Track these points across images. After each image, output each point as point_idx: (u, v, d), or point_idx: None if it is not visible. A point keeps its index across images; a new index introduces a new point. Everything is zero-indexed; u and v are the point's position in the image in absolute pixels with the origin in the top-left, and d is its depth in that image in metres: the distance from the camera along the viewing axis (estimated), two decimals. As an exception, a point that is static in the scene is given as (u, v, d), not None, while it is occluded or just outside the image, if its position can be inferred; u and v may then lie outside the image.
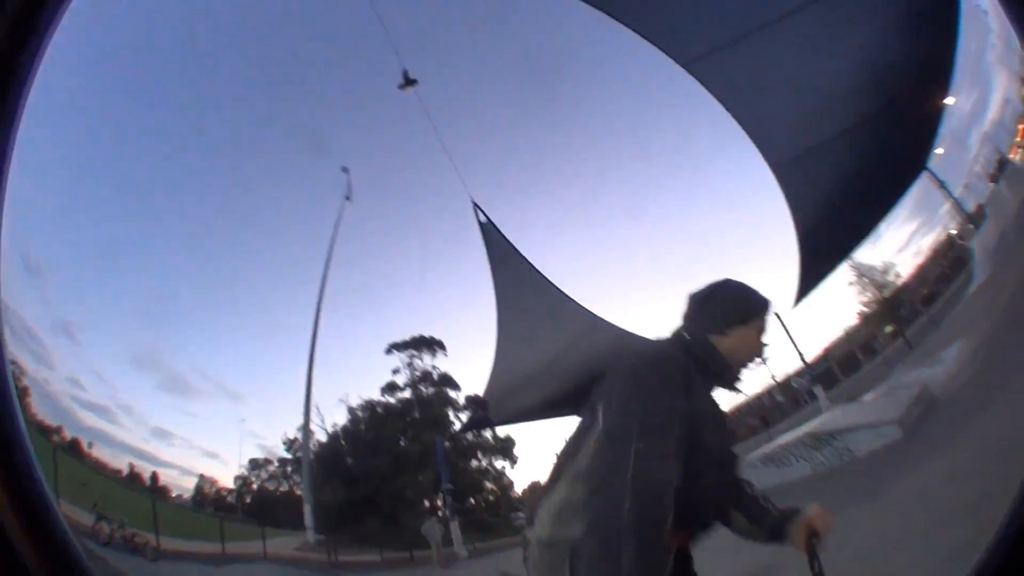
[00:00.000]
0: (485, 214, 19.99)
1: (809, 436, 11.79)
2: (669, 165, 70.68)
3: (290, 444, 32.85)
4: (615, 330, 20.29)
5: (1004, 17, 1.04)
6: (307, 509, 22.32)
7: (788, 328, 24.71)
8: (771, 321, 2.48)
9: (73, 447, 18.92)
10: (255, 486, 34.30)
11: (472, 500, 30.99)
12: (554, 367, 21.88)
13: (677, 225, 69.72)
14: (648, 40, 13.90)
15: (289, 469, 34.48)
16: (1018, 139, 20.36)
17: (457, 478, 25.97)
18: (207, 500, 28.83)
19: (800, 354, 25.76)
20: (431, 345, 35.11)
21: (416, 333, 35.89)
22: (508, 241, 19.98)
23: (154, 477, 23.03)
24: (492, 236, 20.13)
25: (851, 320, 35.36)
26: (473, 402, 32.00)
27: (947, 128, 24.39)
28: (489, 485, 32.78)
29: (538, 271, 19.75)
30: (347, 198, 30.20)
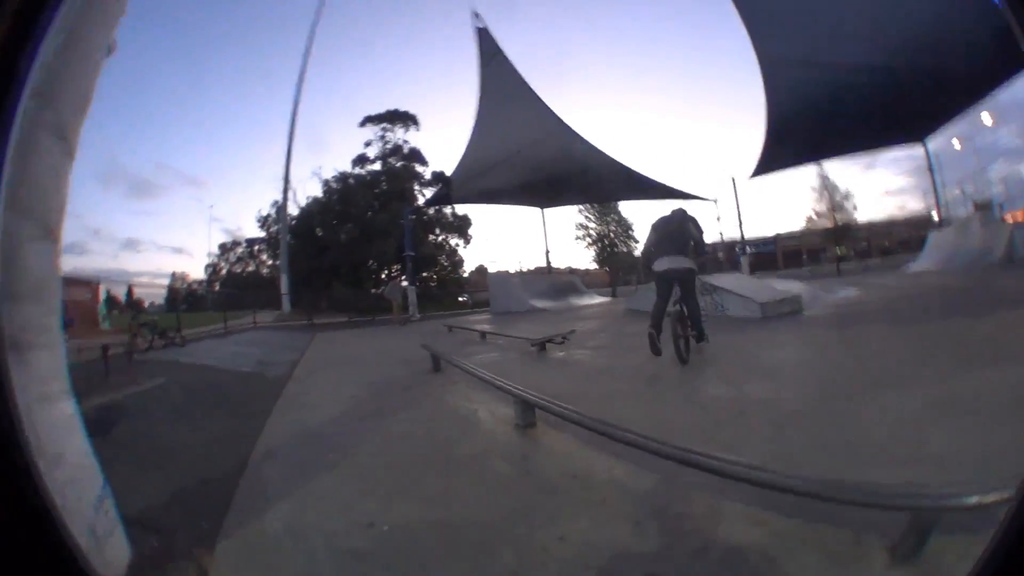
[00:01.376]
0: (484, 21, 22.54)
1: (703, 283, 14.20)
2: (666, 26, 70.69)
3: (264, 221, 34.95)
4: (580, 140, 23.03)
5: (1008, 18, 1.01)
6: (284, 279, 24.44)
7: (739, 199, 27.60)
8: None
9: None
10: (224, 271, 36.80)
11: (426, 272, 33.41)
12: (518, 160, 24.52)
13: (661, 75, 71.34)
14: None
15: (257, 248, 37.10)
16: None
17: (417, 248, 27.72)
18: (180, 295, 29.96)
19: (740, 225, 28.40)
20: (404, 119, 36.79)
21: (391, 107, 37.24)
22: (500, 47, 22.34)
23: (128, 291, 23.54)
24: (486, 40, 22.53)
25: (801, 218, 39.33)
26: (439, 178, 34.05)
27: (969, 127, 25.70)
28: (443, 260, 35.96)
29: (523, 77, 22.14)
30: None
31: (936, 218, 25.44)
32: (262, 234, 35.24)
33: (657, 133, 73.43)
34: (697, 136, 75.25)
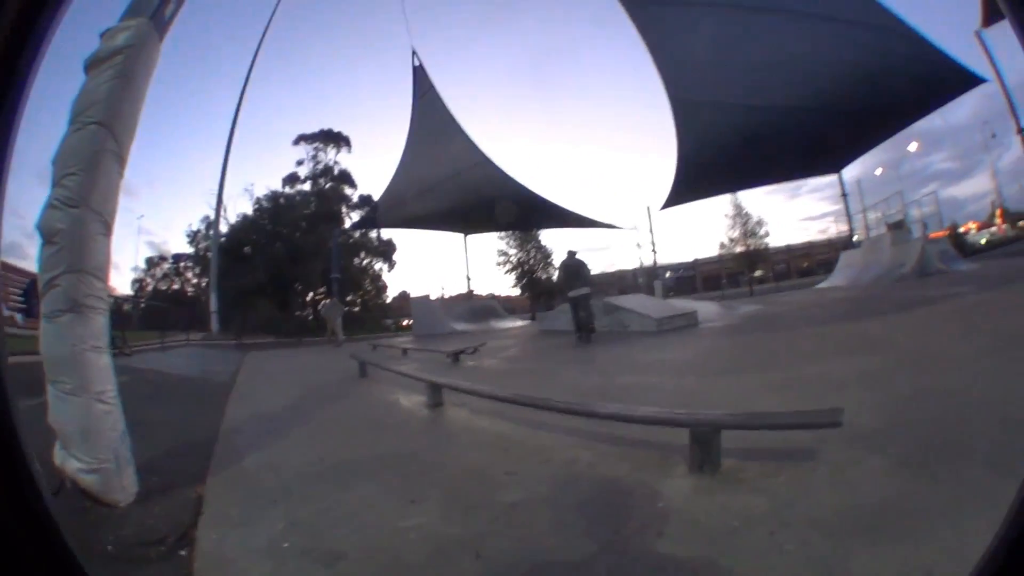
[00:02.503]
0: (420, 59, 24.03)
1: (604, 302, 14.47)
2: (585, 70, 76.05)
3: (193, 236, 33.87)
4: (498, 172, 24.25)
5: (1008, 18, 0.99)
6: (213, 298, 23.76)
7: (652, 227, 29.88)
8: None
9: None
10: (150, 287, 35.25)
11: (351, 296, 32.96)
12: (443, 188, 25.68)
13: (582, 115, 76.45)
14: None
15: (184, 264, 35.91)
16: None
17: (343, 272, 28.05)
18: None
19: (654, 251, 30.30)
20: (337, 140, 37.01)
21: (325, 127, 37.27)
22: (432, 84, 23.69)
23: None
24: (421, 76, 23.96)
25: (716, 244, 42.05)
26: (366, 202, 34.39)
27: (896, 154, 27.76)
28: (368, 285, 35.90)
29: (451, 113, 23.45)
30: None
31: (854, 239, 26.87)
32: (190, 250, 34.52)
33: (581, 167, 78.16)
34: (620, 169, 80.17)
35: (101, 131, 3.77)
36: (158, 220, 73.62)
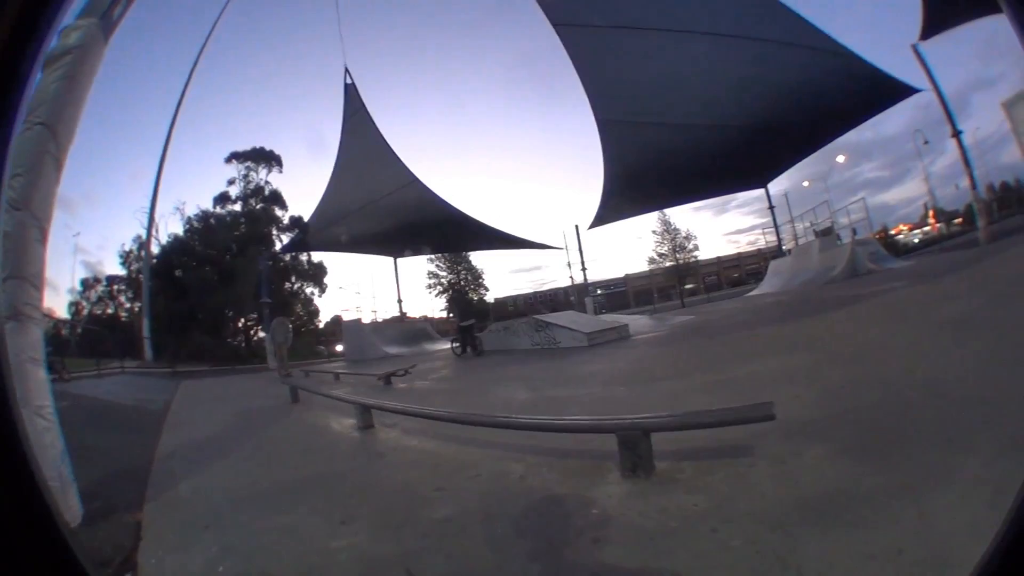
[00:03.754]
0: (351, 77, 23.91)
1: (534, 320, 14.93)
2: (518, 90, 78.06)
3: (126, 256, 32.55)
4: (427, 192, 24.81)
5: (1008, 18, 1.01)
6: (145, 323, 23.23)
7: (582, 246, 30.11)
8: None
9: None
10: (85, 311, 33.62)
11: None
12: (372, 210, 26.06)
13: (511, 136, 78.17)
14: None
15: (117, 287, 34.40)
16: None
17: (274, 296, 27.71)
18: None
19: (584, 269, 30.34)
20: (269, 159, 36.42)
21: (258, 145, 36.73)
22: (363, 103, 23.86)
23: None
24: (353, 95, 23.95)
25: (646, 259, 43.13)
26: (297, 224, 33.89)
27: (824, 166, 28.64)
28: (299, 310, 35.46)
29: (381, 133, 23.77)
30: None
31: (783, 249, 28.07)
32: (122, 272, 33.32)
33: (511, 188, 79.49)
34: (550, 189, 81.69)
35: (44, 132, 3.81)
36: (94, 238, 70.36)
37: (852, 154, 28.49)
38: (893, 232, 29.59)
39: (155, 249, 30.09)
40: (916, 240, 29.94)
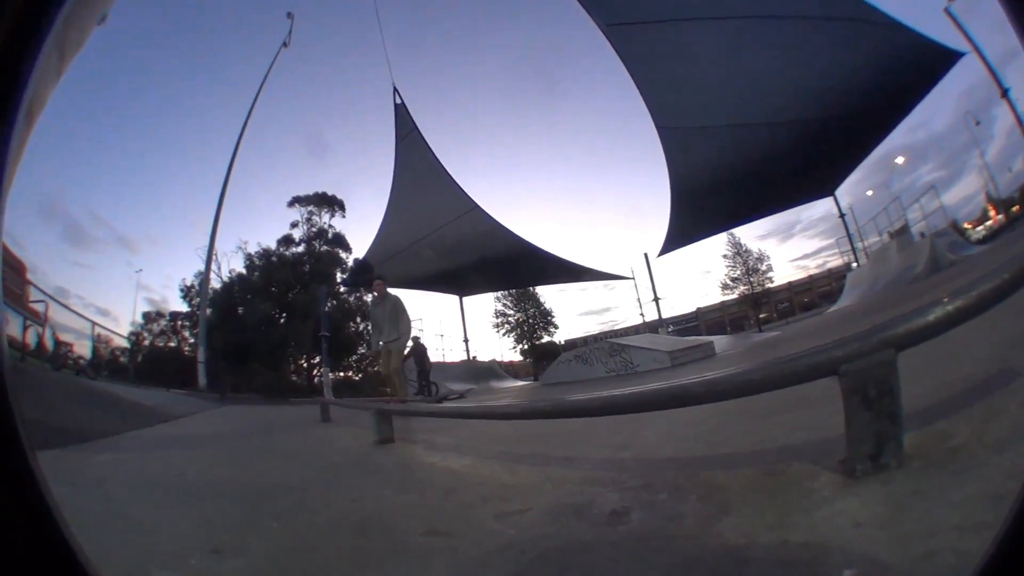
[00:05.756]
0: (401, 97, 22.98)
1: (608, 344, 14.54)
2: (573, 111, 77.02)
3: (187, 291, 32.88)
4: (490, 220, 23.41)
5: (1008, 18, 0.97)
6: (201, 350, 23.20)
7: (652, 275, 28.23)
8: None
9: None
10: (147, 342, 33.79)
11: (345, 360, 32.81)
12: (432, 240, 24.91)
13: (571, 159, 76.55)
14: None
15: (180, 323, 34.29)
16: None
17: (335, 334, 26.87)
18: (103, 361, 25.53)
19: (656, 300, 28.57)
20: (331, 203, 36.44)
21: (320, 190, 36.93)
22: (415, 125, 22.74)
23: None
24: (403, 116, 22.98)
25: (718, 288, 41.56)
26: (359, 264, 33.04)
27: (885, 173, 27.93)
28: (362, 349, 34.25)
29: (435, 156, 22.58)
30: (285, 44, 29.72)
31: (855, 263, 26.64)
32: (186, 308, 33.19)
33: (570, 216, 77.48)
34: (611, 216, 79.43)
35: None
36: (157, 277, 74.15)
37: (911, 156, 26.93)
38: (965, 226, 27.49)
39: (216, 284, 30.43)
40: (981, 236, 27.85)
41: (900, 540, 1.41)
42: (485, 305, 46.64)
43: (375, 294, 10.73)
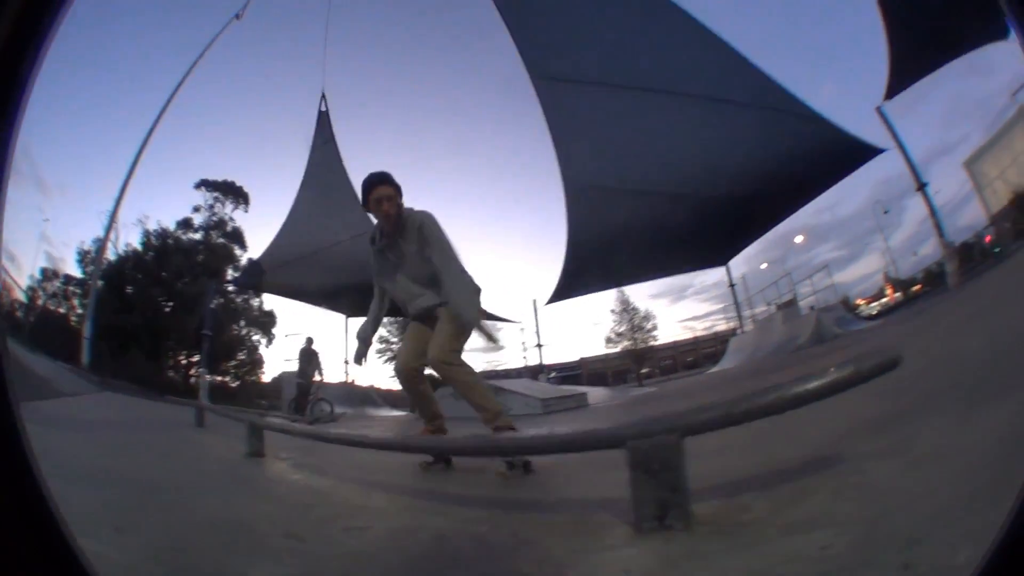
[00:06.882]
0: (327, 104, 23.24)
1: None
2: (487, 149, 78.93)
3: (83, 256, 30.00)
4: None
5: (1008, 18, 0.99)
6: (87, 326, 21.89)
7: (538, 322, 30.26)
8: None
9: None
10: (40, 302, 30.76)
11: (224, 364, 30.95)
12: (325, 257, 24.13)
13: (476, 197, 77.53)
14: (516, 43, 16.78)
15: (72, 288, 30.96)
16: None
17: (217, 334, 26.51)
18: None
19: (539, 346, 30.77)
20: (237, 195, 34.84)
21: (229, 178, 35.17)
22: (333, 134, 23.04)
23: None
24: (324, 124, 23.20)
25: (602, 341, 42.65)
26: (252, 265, 31.33)
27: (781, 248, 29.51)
28: (242, 355, 33.04)
29: (347, 172, 22.55)
30: (237, 16, 27.29)
31: (740, 329, 27.64)
32: (79, 274, 29.74)
33: (470, 254, 77.57)
34: (507, 260, 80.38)
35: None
36: (61, 230, 67.99)
37: (810, 236, 28.69)
38: (855, 303, 29.61)
39: (112, 256, 28.57)
40: (874, 312, 30.07)
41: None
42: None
43: (378, 221, 5.13)
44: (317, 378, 17.34)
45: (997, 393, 2.65)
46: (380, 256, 5.11)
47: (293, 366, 20.47)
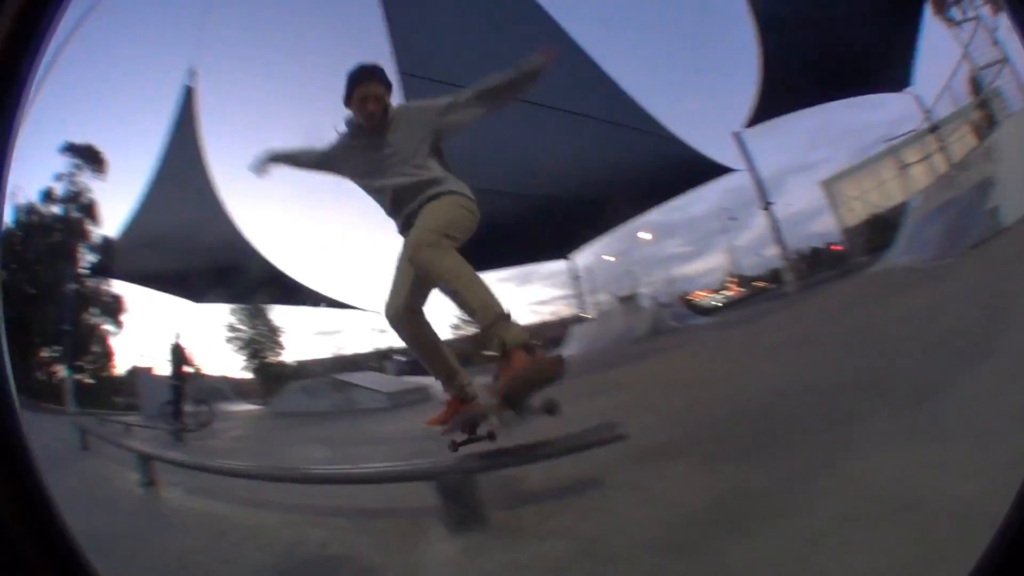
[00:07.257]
0: (195, 80, 21.20)
1: (332, 380, 15.16)
2: None
3: None
4: (230, 227, 22.14)
5: (1008, 18, 1.01)
6: None
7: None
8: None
9: None
10: None
11: (80, 361, 26.78)
12: (180, 240, 22.65)
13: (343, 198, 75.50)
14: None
15: None
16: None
17: (75, 327, 24.64)
18: None
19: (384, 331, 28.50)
20: (96, 160, 28.52)
21: (91, 142, 28.95)
22: (194, 115, 21.19)
23: None
24: (188, 101, 21.20)
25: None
26: (105, 245, 27.84)
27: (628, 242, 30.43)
28: (95, 347, 28.54)
29: (203, 155, 21.39)
30: None
31: (583, 316, 27.65)
32: None
33: (320, 239, 74.99)
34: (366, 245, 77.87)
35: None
36: None
37: (657, 232, 29.84)
38: (691, 297, 31.59)
39: None
40: (717, 303, 31.85)
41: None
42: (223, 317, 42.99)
43: (358, 118, 3.94)
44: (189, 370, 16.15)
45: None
46: (361, 153, 3.99)
47: (149, 362, 20.50)
